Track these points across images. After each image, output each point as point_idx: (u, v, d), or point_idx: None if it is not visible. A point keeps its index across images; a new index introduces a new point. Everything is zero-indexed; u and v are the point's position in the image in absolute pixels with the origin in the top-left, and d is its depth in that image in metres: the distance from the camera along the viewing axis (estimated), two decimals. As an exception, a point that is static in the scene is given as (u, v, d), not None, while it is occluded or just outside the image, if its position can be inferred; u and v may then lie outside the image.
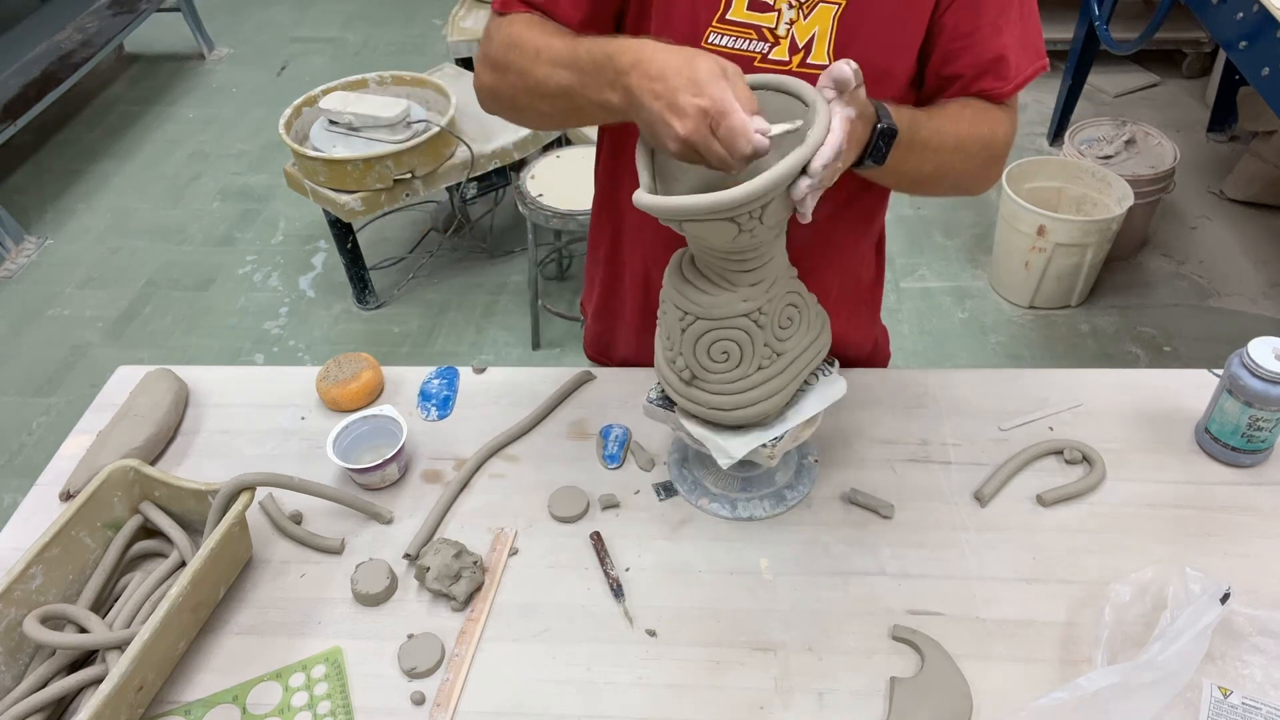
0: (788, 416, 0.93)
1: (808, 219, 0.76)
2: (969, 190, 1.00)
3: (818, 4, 0.88)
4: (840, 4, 0.87)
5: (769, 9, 0.88)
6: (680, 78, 0.72)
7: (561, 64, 0.82)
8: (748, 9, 0.88)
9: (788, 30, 0.89)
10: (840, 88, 0.74)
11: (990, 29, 0.90)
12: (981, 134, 0.92)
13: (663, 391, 0.97)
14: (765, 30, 0.89)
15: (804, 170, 0.72)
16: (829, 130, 0.73)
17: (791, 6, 0.88)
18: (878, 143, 0.81)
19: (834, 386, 0.96)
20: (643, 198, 0.76)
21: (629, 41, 0.78)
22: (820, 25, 0.88)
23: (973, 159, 0.93)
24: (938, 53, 0.92)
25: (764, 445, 0.91)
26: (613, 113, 0.80)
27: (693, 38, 0.90)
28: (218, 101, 3.97)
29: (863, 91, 0.77)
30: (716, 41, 0.90)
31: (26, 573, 0.87)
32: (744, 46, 0.89)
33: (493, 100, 0.93)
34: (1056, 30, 3.36)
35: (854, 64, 0.73)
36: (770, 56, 0.89)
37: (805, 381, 0.94)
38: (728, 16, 0.89)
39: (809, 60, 0.89)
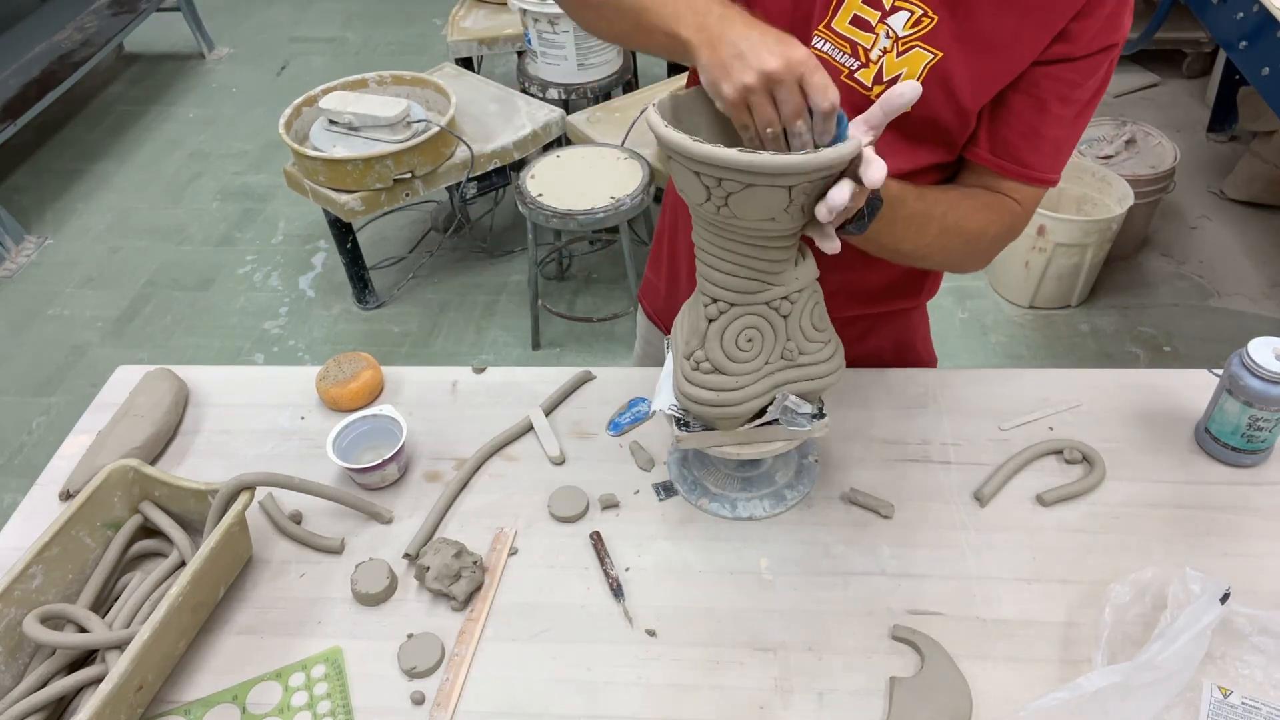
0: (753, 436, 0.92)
1: (827, 220, 0.73)
2: (953, 270, 1.03)
3: (914, 47, 0.87)
4: (937, 55, 0.86)
5: (870, 29, 0.88)
6: (769, 36, 0.70)
7: None
8: (850, 23, 0.88)
9: (879, 58, 0.88)
10: (889, 113, 0.72)
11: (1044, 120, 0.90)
12: (971, 227, 0.92)
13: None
14: (860, 49, 0.89)
15: (854, 175, 0.70)
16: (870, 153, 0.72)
17: (889, 36, 0.87)
18: (863, 211, 0.78)
19: (805, 430, 0.92)
20: (693, 145, 0.70)
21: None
22: (909, 68, 0.87)
23: (955, 247, 0.93)
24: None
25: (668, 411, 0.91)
26: (676, 48, 0.76)
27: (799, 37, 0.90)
28: (218, 101, 3.97)
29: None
30: (818, 45, 0.90)
31: (26, 572, 0.87)
32: (838, 58, 0.89)
33: None
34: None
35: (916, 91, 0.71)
36: (856, 75, 0.89)
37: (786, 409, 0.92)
38: (832, 24, 0.89)
39: None
